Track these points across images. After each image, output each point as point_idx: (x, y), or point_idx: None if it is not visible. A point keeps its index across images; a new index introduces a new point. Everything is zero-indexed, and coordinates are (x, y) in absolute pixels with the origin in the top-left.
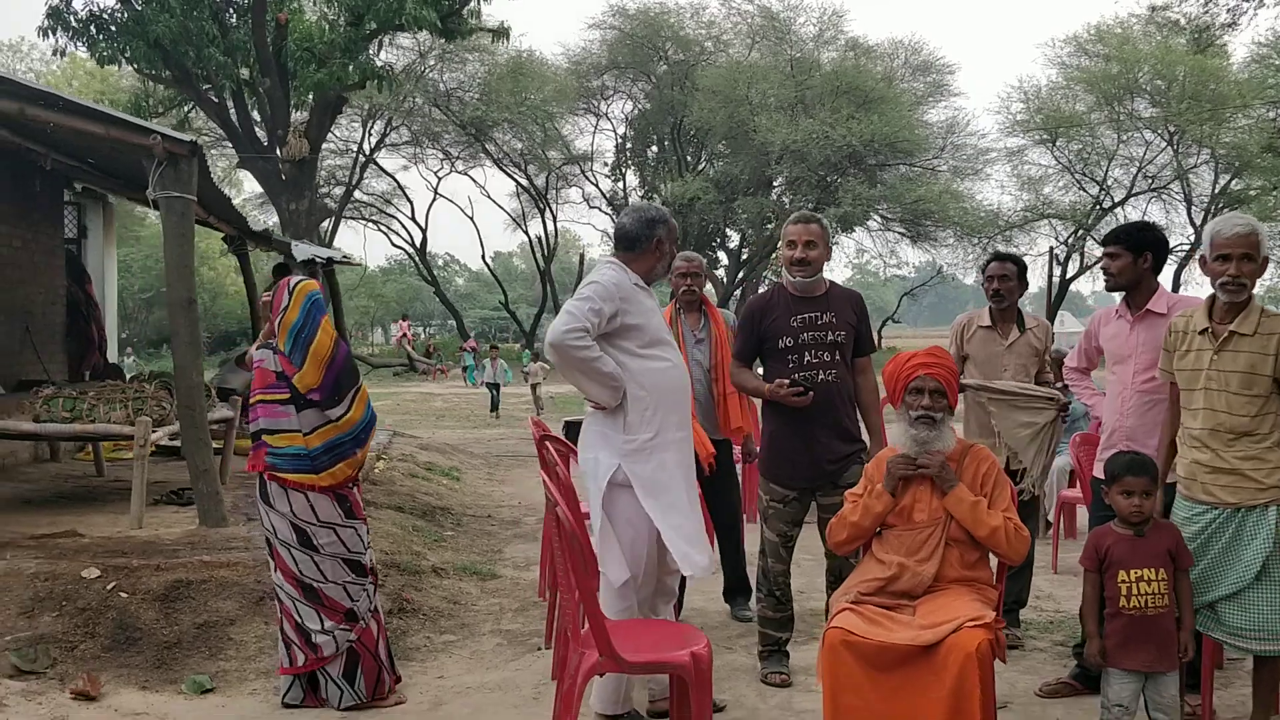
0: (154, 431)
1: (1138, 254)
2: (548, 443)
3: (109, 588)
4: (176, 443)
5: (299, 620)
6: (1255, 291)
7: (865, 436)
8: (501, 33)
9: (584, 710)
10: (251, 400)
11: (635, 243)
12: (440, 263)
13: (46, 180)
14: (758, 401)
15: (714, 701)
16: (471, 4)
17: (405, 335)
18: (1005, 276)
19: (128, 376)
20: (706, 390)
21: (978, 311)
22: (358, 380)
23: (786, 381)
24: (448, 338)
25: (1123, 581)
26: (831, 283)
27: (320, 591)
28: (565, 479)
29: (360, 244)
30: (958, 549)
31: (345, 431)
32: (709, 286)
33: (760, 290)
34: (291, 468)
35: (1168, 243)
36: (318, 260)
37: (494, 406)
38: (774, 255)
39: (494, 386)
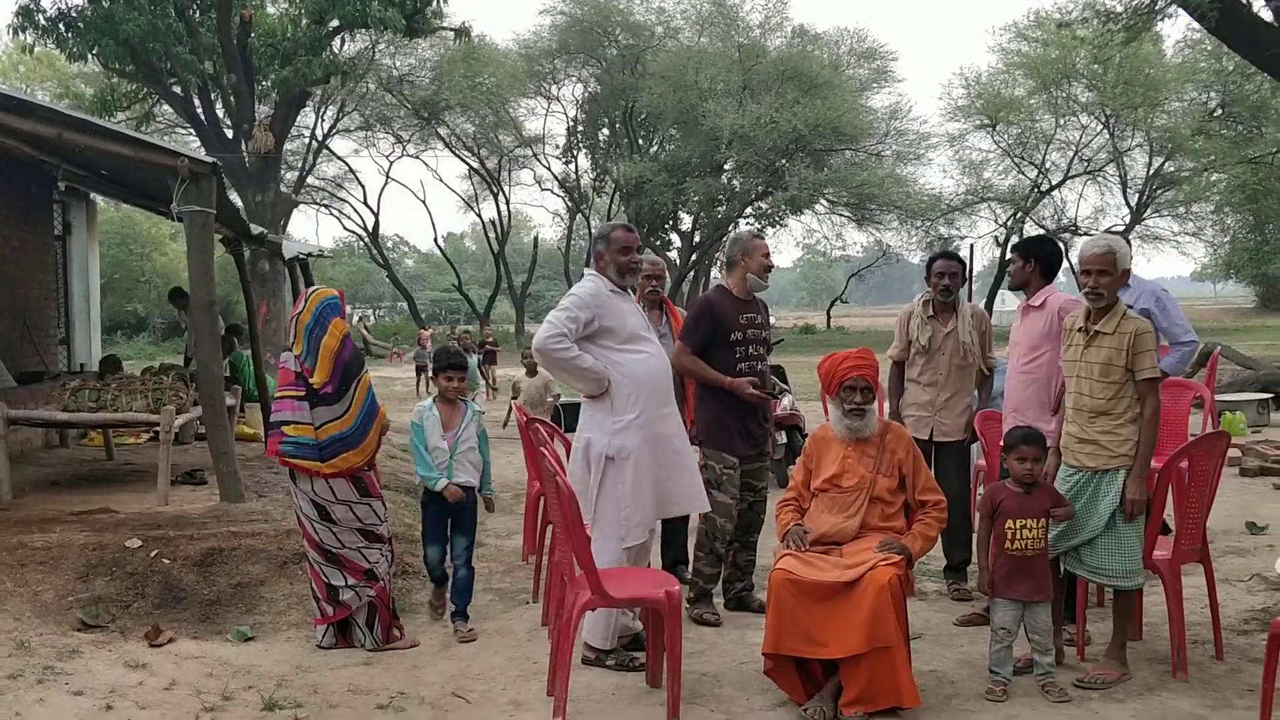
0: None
1: (1026, 260)
2: (537, 424)
3: (151, 555)
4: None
5: (326, 580)
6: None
7: None
8: (463, 32)
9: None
10: (274, 395)
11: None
12: (390, 245)
13: (40, 182)
14: None
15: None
16: (434, 5)
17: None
18: (952, 274)
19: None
20: None
21: (921, 302)
22: (361, 370)
23: (756, 380)
24: (399, 321)
25: (1009, 528)
26: None
27: (340, 556)
28: (554, 454)
29: (313, 228)
30: (879, 505)
31: (347, 428)
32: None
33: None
34: (300, 455)
35: (1059, 253)
36: (300, 256)
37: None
38: (724, 239)
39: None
